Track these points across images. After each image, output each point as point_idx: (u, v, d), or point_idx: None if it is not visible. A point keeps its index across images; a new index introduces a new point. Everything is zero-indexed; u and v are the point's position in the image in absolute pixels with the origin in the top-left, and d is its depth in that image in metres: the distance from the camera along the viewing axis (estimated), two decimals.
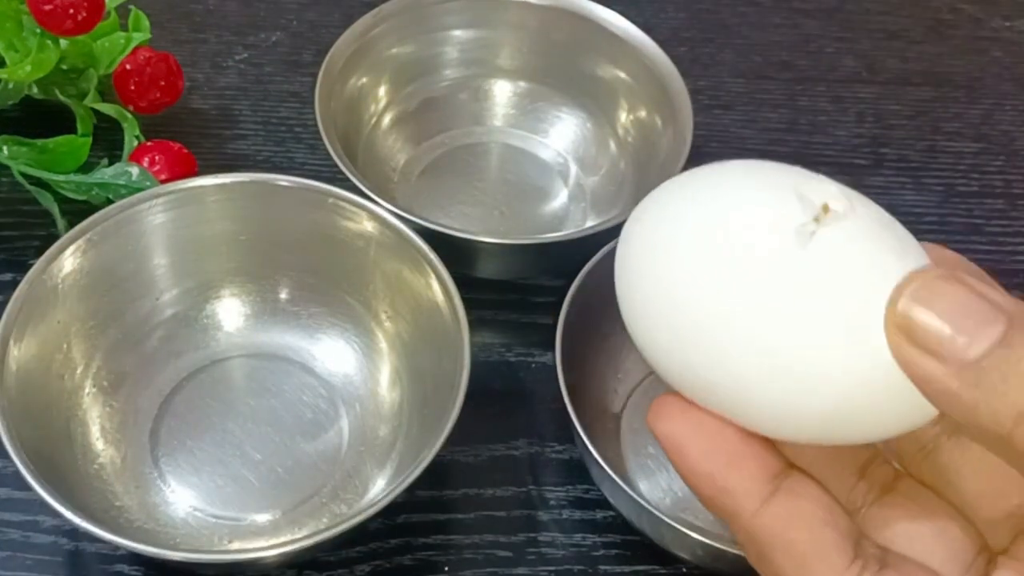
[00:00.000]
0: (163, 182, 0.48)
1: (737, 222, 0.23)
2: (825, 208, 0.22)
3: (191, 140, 0.54)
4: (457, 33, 0.56)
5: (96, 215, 0.43)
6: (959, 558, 0.24)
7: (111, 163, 0.50)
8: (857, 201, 0.23)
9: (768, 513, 0.23)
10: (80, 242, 0.42)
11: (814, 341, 0.22)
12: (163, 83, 0.53)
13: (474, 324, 0.41)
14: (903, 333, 0.21)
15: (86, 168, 0.51)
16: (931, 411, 0.22)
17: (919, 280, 0.21)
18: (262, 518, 0.42)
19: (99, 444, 0.43)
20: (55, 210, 0.50)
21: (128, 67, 0.53)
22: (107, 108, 0.53)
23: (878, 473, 0.26)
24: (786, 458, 0.24)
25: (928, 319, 0.21)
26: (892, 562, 0.23)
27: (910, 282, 0.21)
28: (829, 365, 0.22)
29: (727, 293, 0.22)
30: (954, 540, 0.24)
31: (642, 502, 0.39)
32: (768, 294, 0.22)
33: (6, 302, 0.40)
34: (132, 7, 0.55)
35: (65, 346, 0.43)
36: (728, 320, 0.22)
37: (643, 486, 0.45)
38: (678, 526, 0.38)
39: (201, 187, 0.45)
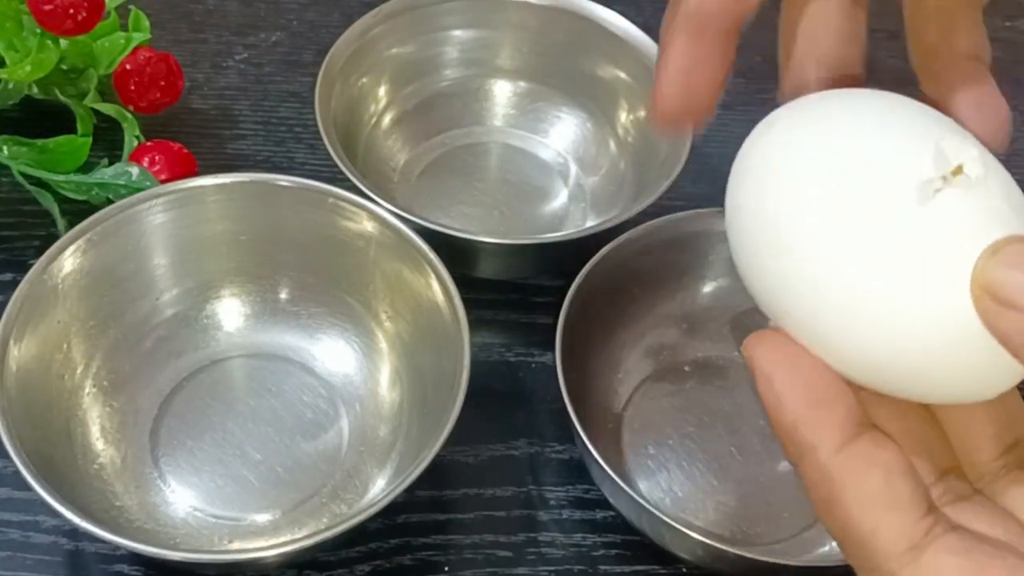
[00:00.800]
0: (163, 182, 0.48)
1: (863, 159, 0.22)
2: (958, 170, 0.22)
3: (191, 140, 0.54)
4: (457, 33, 0.56)
5: (96, 215, 0.43)
6: None
7: (111, 163, 0.50)
8: (993, 170, 0.22)
9: (847, 453, 0.23)
10: (80, 242, 0.42)
11: (901, 293, 0.22)
12: (163, 83, 0.53)
13: (474, 324, 0.41)
14: (986, 291, 0.21)
15: (86, 168, 0.51)
16: (1015, 374, 0.22)
17: (1003, 241, 0.21)
18: (262, 518, 0.42)
19: (99, 444, 0.43)
20: (55, 210, 0.50)
21: (128, 67, 0.53)
22: (107, 108, 0.53)
23: (955, 483, 0.26)
24: (871, 418, 0.24)
25: (1010, 274, 0.21)
26: (962, 530, 0.23)
27: (995, 243, 0.21)
28: (912, 318, 0.22)
29: (825, 225, 0.22)
30: None
31: (642, 502, 0.39)
32: (867, 237, 0.22)
33: (6, 302, 0.40)
34: (132, 7, 0.55)
35: (65, 346, 0.43)
36: (816, 251, 0.22)
37: (643, 486, 0.45)
38: (678, 526, 0.38)
39: (201, 187, 0.45)
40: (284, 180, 0.45)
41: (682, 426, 0.46)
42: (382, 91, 0.55)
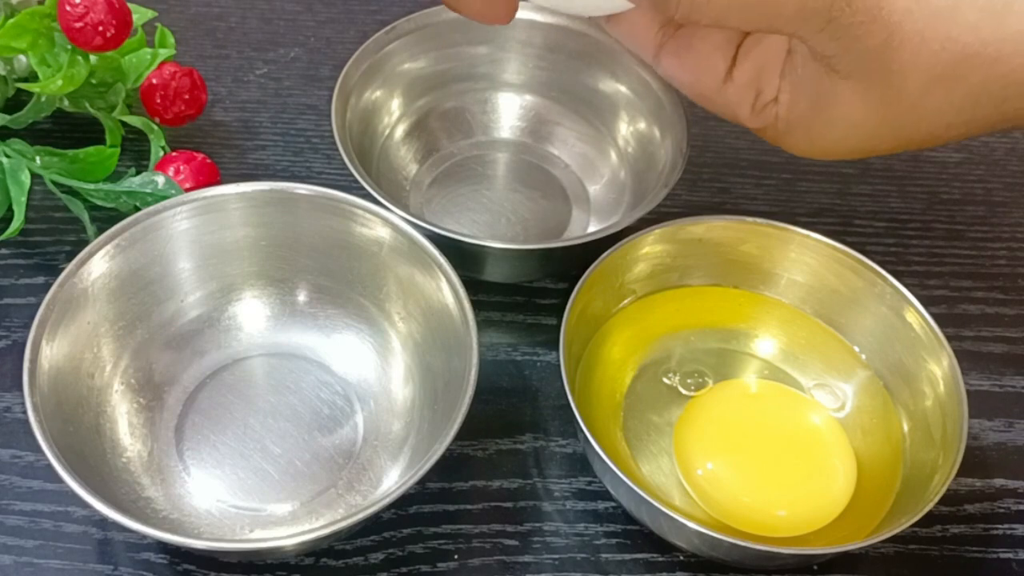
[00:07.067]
0: (187, 190, 0.49)
1: None
2: None
3: (214, 151, 0.54)
4: (466, 49, 0.56)
5: (124, 221, 0.44)
6: None
7: (138, 172, 0.50)
8: None
9: None
10: (109, 247, 0.43)
11: None
12: (187, 96, 0.54)
13: (482, 325, 0.42)
14: None
15: (114, 177, 0.52)
16: None
17: None
18: (281, 509, 0.43)
19: (127, 439, 0.43)
20: (85, 217, 0.50)
21: (154, 81, 0.54)
22: (134, 120, 0.53)
23: None
24: None
25: None
26: None
27: None
28: None
29: None
30: None
31: (642, 493, 0.39)
32: None
33: (39, 304, 0.40)
34: (158, 24, 0.56)
35: (95, 346, 0.43)
36: None
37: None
38: (676, 516, 0.38)
39: (223, 195, 0.45)
40: (302, 188, 0.45)
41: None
42: (395, 104, 0.56)
